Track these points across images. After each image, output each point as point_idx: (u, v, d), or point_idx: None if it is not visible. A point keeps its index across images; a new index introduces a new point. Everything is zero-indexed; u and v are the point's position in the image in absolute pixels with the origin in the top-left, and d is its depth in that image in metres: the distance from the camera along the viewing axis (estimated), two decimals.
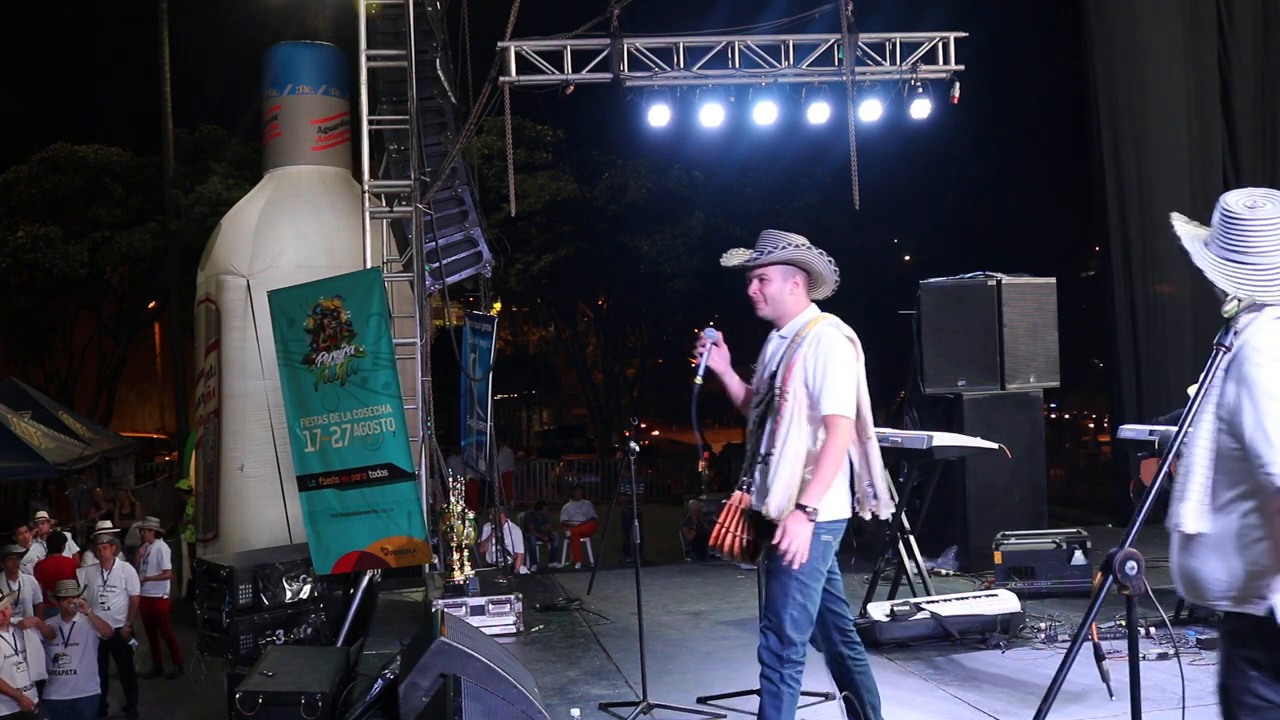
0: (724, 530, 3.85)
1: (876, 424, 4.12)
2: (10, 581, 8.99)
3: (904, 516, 6.57)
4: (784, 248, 3.86)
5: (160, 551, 10.58)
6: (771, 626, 3.75)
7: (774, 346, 3.94)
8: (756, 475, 3.83)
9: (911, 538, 6.66)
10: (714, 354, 3.97)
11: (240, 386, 11.07)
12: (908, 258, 27.14)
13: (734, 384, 4.05)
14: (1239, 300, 2.52)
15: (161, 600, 10.53)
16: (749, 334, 3.99)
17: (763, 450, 3.81)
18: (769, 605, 3.80)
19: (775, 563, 3.72)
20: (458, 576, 6.93)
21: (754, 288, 3.91)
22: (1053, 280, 8.75)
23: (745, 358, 4.32)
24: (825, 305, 3.99)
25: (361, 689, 4.95)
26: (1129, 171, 11.68)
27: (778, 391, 3.79)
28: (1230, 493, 2.61)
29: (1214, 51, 11.42)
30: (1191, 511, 2.62)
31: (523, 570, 11.70)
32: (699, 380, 3.98)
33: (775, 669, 3.74)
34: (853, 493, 3.93)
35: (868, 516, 4.00)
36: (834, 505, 3.79)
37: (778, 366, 3.83)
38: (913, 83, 9.63)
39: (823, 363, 3.75)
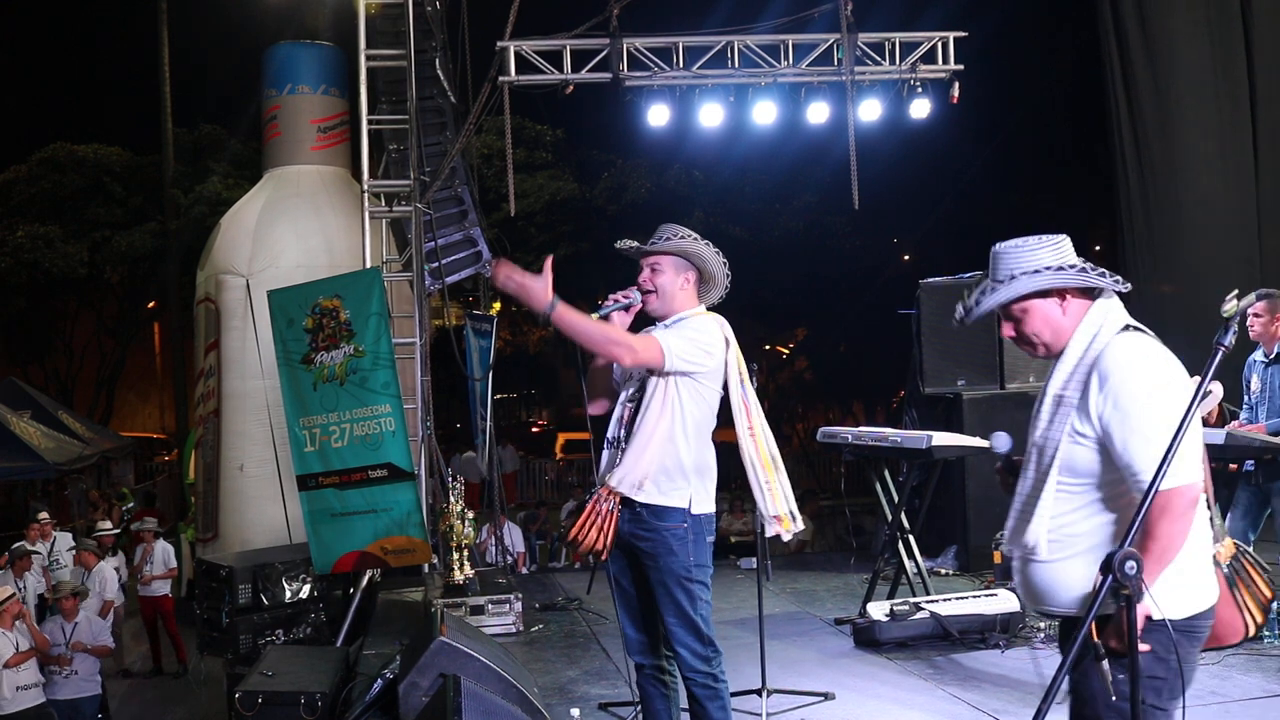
0: (593, 517, 3.58)
1: (876, 424, 4.08)
2: (17, 580, 9.03)
3: (904, 516, 6.58)
4: (682, 238, 3.76)
5: (165, 550, 10.62)
6: (689, 634, 3.62)
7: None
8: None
9: (911, 538, 6.66)
10: (624, 316, 3.77)
11: (240, 386, 11.07)
12: (907, 258, 27.12)
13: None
14: (1237, 300, 2.52)
15: (166, 599, 10.55)
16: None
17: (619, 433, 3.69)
18: (677, 614, 3.61)
19: (670, 571, 3.60)
20: (457, 576, 6.94)
21: (644, 275, 3.78)
22: None
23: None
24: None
25: (361, 689, 4.94)
26: (1151, 164, 11.57)
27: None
28: (1084, 504, 2.63)
29: (1240, 33, 11.24)
30: (1044, 530, 2.64)
31: (523, 570, 11.71)
32: (599, 313, 3.71)
33: (707, 670, 3.64)
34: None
35: (784, 536, 3.88)
36: (706, 500, 3.70)
37: None
38: (912, 82, 9.63)
39: (681, 323, 3.71)
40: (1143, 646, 2.42)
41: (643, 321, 3.84)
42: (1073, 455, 2.63)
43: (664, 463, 3.61)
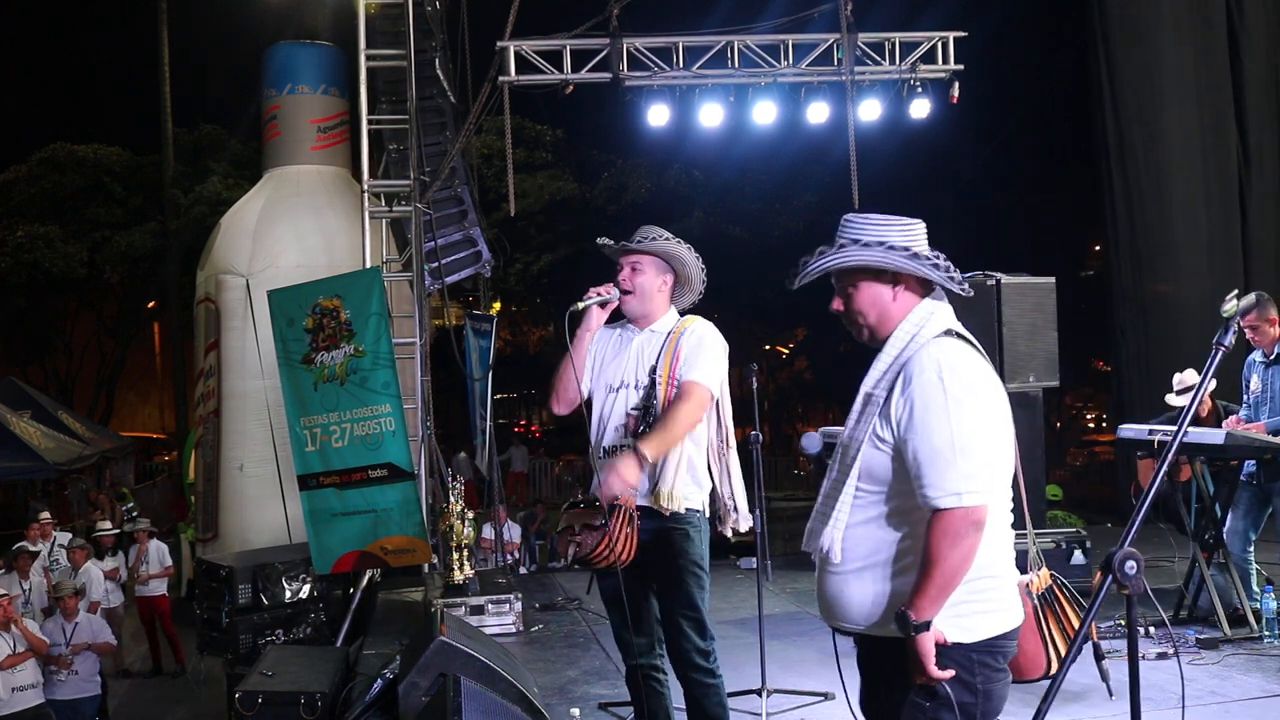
0: (619, 535, 3.53)
1: None
2: (21, 581, 9.02)
3: None
4: (667, 239, 3.78)
5: (159, 549, 10.61)
6: (694, 627, 3.64)
7: (641, 341, 3.76)
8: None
9: None
10: (600, 313, 3.74)
11: (240, 386, 11.08)
12: None
13: (582, 353, 3.79)
14: (1237, 300, 2.52)
15: (162, 598, 10.55)
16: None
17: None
18: (686, 607, 3.64)
19: (683, 565, 3.63)
20: (457, 576, 6.94)
21: (624, 274, 3.76)
22: (1052, 280, 8.72)
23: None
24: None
25: (361, 689, 4.94)
26: (1135, 167, 11.60)
27: (659, 380, 3.67)
28: (881, 513, 2.50)
29: (1223, 39, 11.30)
30: (839, 536, 2.51)
31: (521, 570, 11.72)
32: (579, 305, 3.70)
33: (707, 665, 3.67)
34: (713, 509, 3.79)
35: (728, 533, 3.86)
36: (696, 494, 3.69)
37: (658, 359, 3.69)
38: (912, 82, 9.64)
39: (701, 347, 3.67)
40: (945, 673, 2.35)
41: (615, 318, 3.83)
42: (872, 460, 2.49)
43: (689, 469, 3.67)
